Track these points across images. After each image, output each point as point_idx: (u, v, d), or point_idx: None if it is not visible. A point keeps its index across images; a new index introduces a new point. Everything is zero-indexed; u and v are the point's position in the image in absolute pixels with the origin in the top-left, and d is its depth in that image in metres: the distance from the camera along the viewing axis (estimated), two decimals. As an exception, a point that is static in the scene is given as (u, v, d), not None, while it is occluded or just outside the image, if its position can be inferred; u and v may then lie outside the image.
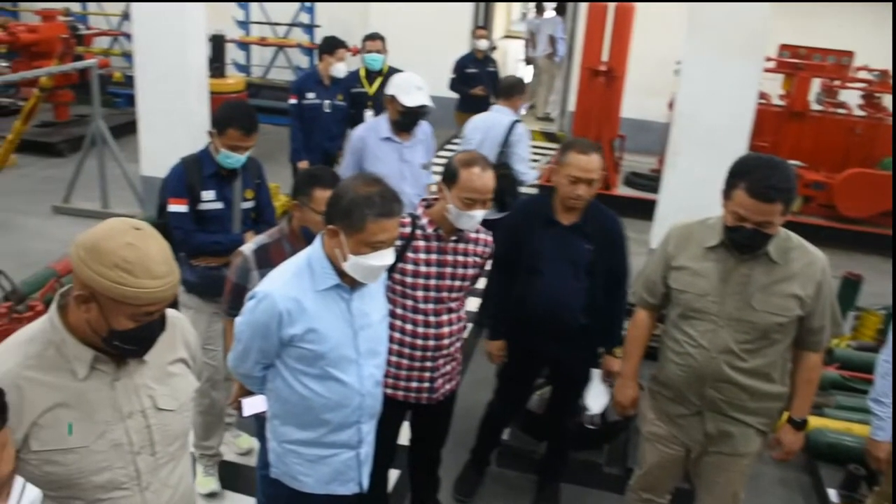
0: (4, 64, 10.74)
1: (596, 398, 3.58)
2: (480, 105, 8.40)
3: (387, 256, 2.42)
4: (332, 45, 6.47)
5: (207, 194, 3.64)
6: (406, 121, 4.48)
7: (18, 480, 1.27)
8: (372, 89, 6.65)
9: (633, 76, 9.00)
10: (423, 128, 4.68)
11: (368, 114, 6.38)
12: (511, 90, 5.56)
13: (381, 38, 6.72)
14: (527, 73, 13.90)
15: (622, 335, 3.49)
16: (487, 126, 5.37)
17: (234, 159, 3.60)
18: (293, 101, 6.42)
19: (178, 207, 3.61)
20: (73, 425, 1.81)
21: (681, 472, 3.16)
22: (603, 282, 3.40)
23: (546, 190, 3.52)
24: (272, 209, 4.02)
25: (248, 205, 3.80)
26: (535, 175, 5.65)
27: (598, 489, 4.14)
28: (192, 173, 3.62)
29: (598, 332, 3.56)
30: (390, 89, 4.46)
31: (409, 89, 4.39)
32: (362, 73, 6.75)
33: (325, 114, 6.45)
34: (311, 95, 6.39)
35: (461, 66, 9.03)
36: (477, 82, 8.88)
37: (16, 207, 7.86)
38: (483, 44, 9.23)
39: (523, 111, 6.69)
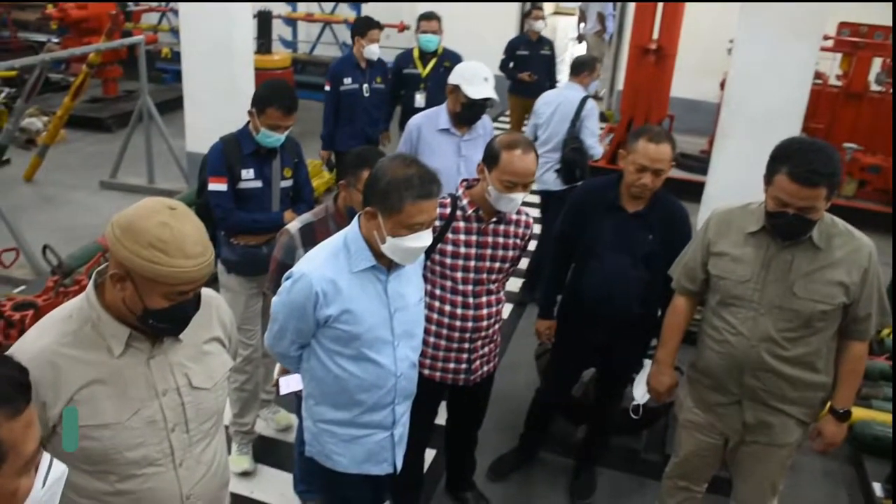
0: (55, 40, 10.92)
1: (641, 388, 3.51)
2: (533, 90, 8.24)
3: (424, 238, 2.40)
4: (363, 27, 6.15)
5: (247, 173, 3.65)
6: (468, 114, 4.17)
7: (45, 457, 1.27)
8: (425, 71, 6.34)
9: (685, 55, 8.80)
10: (485, 122, 4.38)
11: (419, 97, 6.22)
12: (581, 67, 5.84)
13: (438, 18, 6.38)
14: (579, 51, 13.70)
15: None
16: (558, 101, 5.62)
17: (274, 138, 3.60)
18: (327, 87, 6.18)
19: (217, 186, 3.62)
20: (109, 402, 1.82)
21: (718, 460, 3.10)
22: (663, 274, 3.28)
23: (614, 173, 3.40)
24: (310, 188, 4.02)
25: (287, 184, 3.80)
26: (601, 150, 5.90)
27: (635, 475, 4.09)
28: (232, 152, 3.63)
29: (652, 324, 3.47)
30: (454, 78, 4.15)
31: (475, 80, 4.08)
32: (416, 53, 6.45)
33: (365, 98, 6.17)
34: (348, 80, 6.11)
35: (513, 47, 8.59)
36: (527, 65, 8.40)
37: (64, 182, 8.01)
38: (539, 25, 8.59)
39: (594, 88, 6.48)
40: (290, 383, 2.99)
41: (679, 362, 3.19)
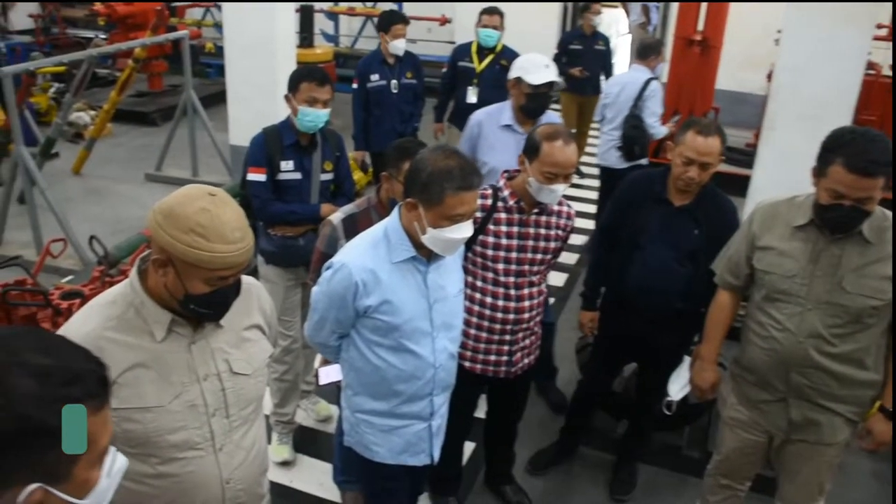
0: (102, 36, 11.10)
1: (677, 384, 3.46)
2: (585, 86, 8.08)
3: (465, 229, 2.39)
4: (387, 22, 6.00)
5: (286, 164, 3.66)
6: (533, 104, 4.00)
7: (110, 448, 1.29)
8: (480, 66, 6.13)
9: (731, 46, 8.65)
10: (551, 118, 4.15)
11: (471, 92, 6.06)
12: (647, 51, 6.12)
13: (500, 14, 6.15)
14: (624, 42, 13.53)
15: None
16: (624, 82, 6.03)
17: (313, 115, 3.57)
18: (355, 85, 6.04)
19: (256, 176, 3.64)
20: (151, 385, 1.86)
21: (762, 459, 3.04)
22: (707, 269, 3.21)
23: (663, 166, 3.35)
24: (351, 182, 4.01)
25: (327, 177, 3.79)
26: (664, 130, 6.08)
27: (676, 472, 4.04)
28: (273, 143, 3.65)
29: (695, 319, 3.40)
30: (514, 72, 4.04)
31: (536, 68, 3.96)
32: (474, 47, 6.22)
33: (393, 94, 5.99)
34: (375, 77, 5.97)
35: (565, 41, 8.31)
36: (580, 61, 8.05)
37: (111, 175, 8.16)
38: (597, 20, 8.28)
39: (660, 71, 6.47)
40: (330, 374, 3.01)
41: (721, 358, 3.13)
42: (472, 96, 6.04)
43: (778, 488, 3.08)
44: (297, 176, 3.69)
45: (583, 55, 8.12)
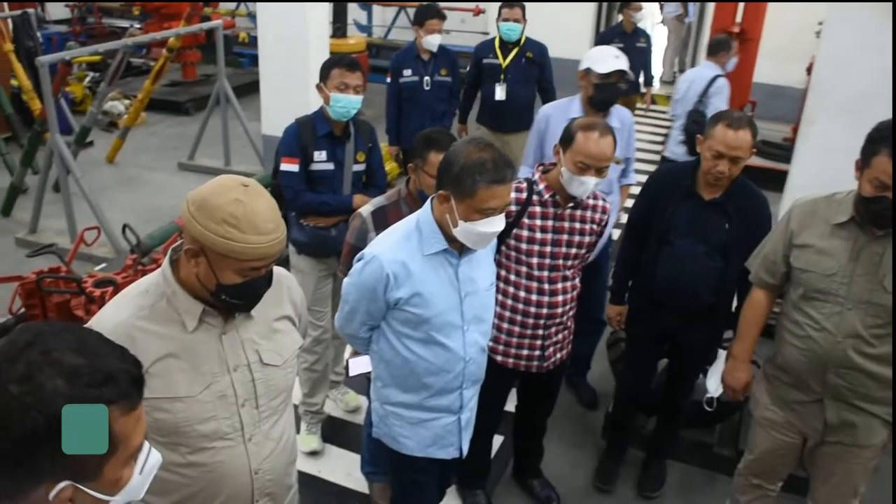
0: (137, 26, 11.19)
1: (715, 380, 3.40)
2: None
3: (497, 223, 2.37)
4: (421, 16, 5.81)
5: (319, 155, 3.65)
6: (601, 95, 3.90)
7: (144, 444, 1.30)
8: (506, 62, 5.93)
9: (770, 39, 8.50)
10: (622, 115, 4.09)
11: (499, 89, 5.88)
12: (717, 47, 6.30)
13: (521, 6, 5.91)
14: (661, 35, 13.39)
15: None
16: (692, 79, 6.28)
17: (345, 100, 3.56)
18: (388, 79, 5.93)
19: (289, 166, 3.64)
20: (182, 375, 1.86)
21: (795, 460, 2.99)
22: (739, 264, 3.16)
23: (694, 160, 3.31)
24: (383, 173, 4.01)
25: (360, 168, 3.79)
26: None
27: (706, 469, 3.99)
28: (306, 134, 3.65)
29: (726, 315, 3.36)
30: (583, 64, 3.95)
31: (604, 58, 3.91)
32: (496, 43, 6.02)
33: (425, 91, 5.81)
34: (407, 72, 5.81)
35: (605, 39, 7.80)
36: None
37: (144, 164, 8.23)
38: (639, 16, 7.96)
39: (731, 67, 6.43)
40: (360, 365, 3.00)
41: (755, 356, 3.08)
42: (500, 93, 5.89)
43: (810, 489, 3.03)
44: (330, 166, 3.68)
45: (624, 54, 7.89)
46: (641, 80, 8.03)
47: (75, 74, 9.68)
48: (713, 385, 3.41)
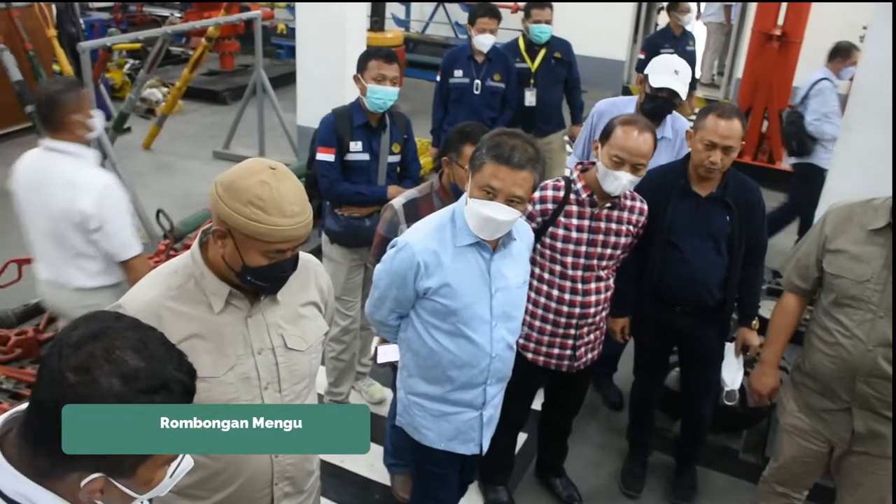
0: (178, 15, 11.30)
1: (731, 373, 3.37)
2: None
3: (499, 210, 2.31)
4: (473, 14, 5.42)
5: (355, 145, 3.68)
6: (650, 106, 3.80)
7: None
8: (535, 65, 5.65)
9: (812, 42, 8.33)
10: (677, 124, 3.96)
11: (529, 94, 5.62)
12: (834, 53, 6.20)
13: (551, 7, 5.61)
14: (701, 35, 13.21)
15: (758, 308, 3.41)
16: (806, 84, 6.21)
17: (382, 92, 3.59)
18: (438, 77, 5.54)
19: (325, 156, 3.67)
20: (207, 356, 1.88)
21: (821, 468, 2.95)
22: (742, 255, 3.19)
23: (682, 158, 3.29)
24: (418, 165, 4.02)
25: (395, 159, 3.80)
26: (827, 130, 5.88)
27: (731, 475, 3.94)
28: (343, 124, 3.68)
29: (733, 307, 3.36)
30: (647, 68, 3.87)
31: (662, 70, 3.79)
32: (522, 44, 5.71)
33: (475, 96, 5.37)
34: (458, 73, 5.40)
35: (653, 45, 7.33)
36: None
37: (180, 151, 8.31)
38: (686, 19, 7.47)
39: (846, 75, 6.08)
40: (388, 353, 3.01)
41: (783, 362, 3.04)
42: (530, 98, 5.64)
43: (837, 500, 2.98)
44: (366, 157, 3.71)
45: None
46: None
47: (116, 61, 9.80)
48: (729, 378, 3.37)
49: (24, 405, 1.26)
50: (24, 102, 7.48)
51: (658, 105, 3.81)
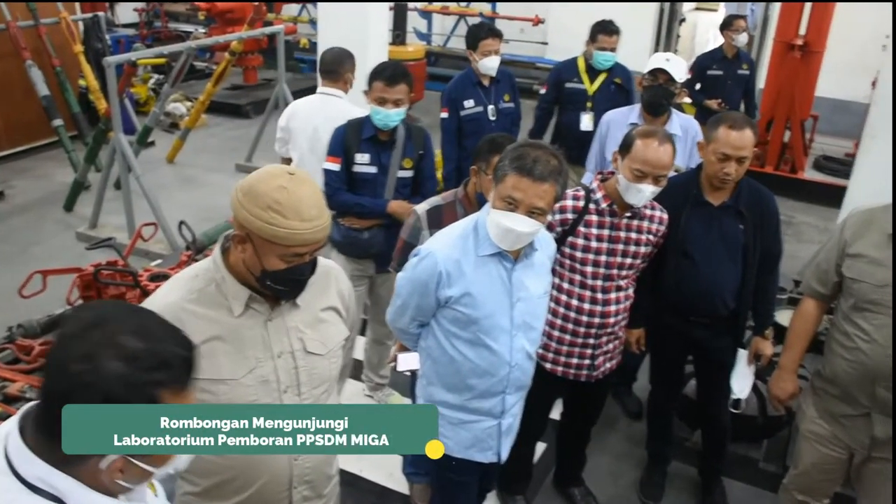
0: (202, 30, 11.44)
1: (740, 381, 3.35)
2: None
3: (519, 222, 2.33)
4: (473, 38, 4.96)
5: (361, 157, 3.70)
6: (648, 95, 3.87)
7: None
8: (592, 88, 5.32)
9: (835, 52, 8.29)
10: (684, 122, 4.01)
11: (586, 118, 5.25)
12: None
13: (619, 32, 5.28)
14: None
15: (773, 317, 3.39)
16: None
17: (383, 114, 3.61)
18: (444, 115, 4.98)
19: (330, 165, 3.72)
20: (226, 358, 1.91)
21: (841, 475, 2.92)
22: (756, 264, 3.19)
23: (694, 168, 3.28)
24: (433, 182, 4.00)
25: (406, 174, 3.80)
26: None
27: (752, 485, 3.91)
28: (351, 135, 3.71)
29: (747, 315, 3.35)
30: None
31: (655, 60, 3.94)
32: (581, 65, 5.38)
33: (491, 122, 4.92)
34: (469, 104, 4.93)
35: (702, 66, 7.01)
36: (722, 88, 6.81)
37: (204, 164, 8.41)
38: (742, 39, 7.00)
39: None
40: (409, 360, 3.01)
41: (803, 369, 3.02)
42: (587, 122, 5.23)
43: (858, 509, 2.95)
44: (373, 170, 3.72)
45: (724, 82, 6.94)
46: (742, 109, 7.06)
47: (140, 76, 9.94)
48: (737, 386, 3.36)
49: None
50: (51, 117, 7.63)
51: (657, 93, 3.86)
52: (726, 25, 7.09)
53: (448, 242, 2.47)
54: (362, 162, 3.71)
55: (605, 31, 5.21)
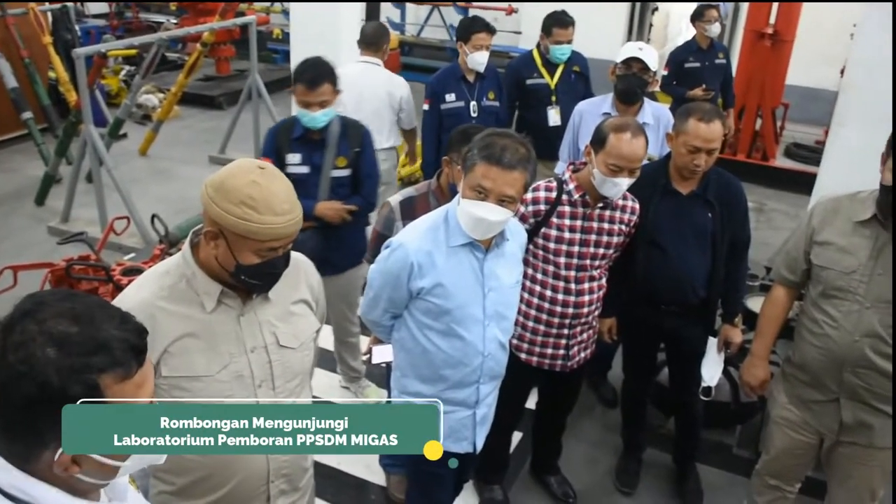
0: (173, 20, 11.33)
1: (710, 369, 3.39)
2: None
3: (490, 211, 2.34)
4: (466, 30, 4.87)
5: (293, 157, 3.60)
6: (622, 85, 3.88)
7: None
8: (553, 81, 5.14)
9: (804, 41, 8.39)
10: (656, 111, 4.03)
11: (552, 112, 5.10)
12: None
13: (573, 23, 5.11)
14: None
15: (742, 304, 3.44)
16: None
17: (309, 117, 3.50)
18: (426, 106, 4.93)
19: None
20: (200, 355, 1.91)
21: (812, 460, 2.98)
22: (725, 252, 3.24)
23: (664, 157, 3.32)
24: (373, 181, 3.81)
25: (341, 173, 3.65)
26: None
27: (725, 471, 3.96)
28: (283, 135, 3.62)
29: (717, 303, 3.39)
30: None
31: (626, 49, 3.98)
32: (538, 58, 5.19)
33: (472, 119, 4.80)
34: (451, 97, 4.85)
35: (678, 59, 6.90)
36: (700, 80, 6.69)
37: (177, 156, 8.34)
38: (715, 29, 6.89)
39: None
40: (383, 353, 3.03)
41: (775, 356, 3.06)
42: (554, 117, 5.10)
43: (828, 492, 3.01)
44: (304, 170, 3.60)
45: (702, 73, 6.84)
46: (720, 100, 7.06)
47: (111, 67, 9.81)
48: (707, 374, 3.40)
49: None
50: (20, 109, 7.53)
51: (630, 82, 3.89)
52: (698, 16, 6.96)
53: (419, 234, 2.48)
54: (293, 162, 3.58)
55: (559, 23, 5.06)
